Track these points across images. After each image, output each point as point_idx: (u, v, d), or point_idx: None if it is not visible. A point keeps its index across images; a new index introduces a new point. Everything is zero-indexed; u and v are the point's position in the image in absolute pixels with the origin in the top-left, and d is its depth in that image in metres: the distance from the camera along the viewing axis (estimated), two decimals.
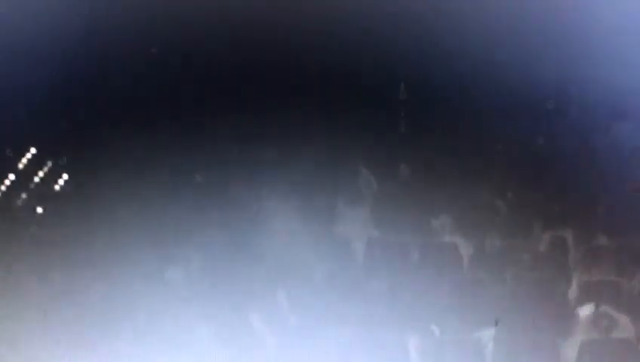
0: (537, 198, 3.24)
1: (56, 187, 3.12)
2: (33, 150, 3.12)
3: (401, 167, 3.22)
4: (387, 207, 3.21)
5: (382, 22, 3.18)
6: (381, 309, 3.17)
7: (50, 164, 3.12)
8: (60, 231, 3.12)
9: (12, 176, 3.09)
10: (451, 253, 3.23)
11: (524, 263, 3.22)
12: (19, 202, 3.10)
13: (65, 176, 3.12)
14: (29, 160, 3.11)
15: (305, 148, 3.19)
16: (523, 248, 3.22)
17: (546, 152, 3.22)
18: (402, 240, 3.20)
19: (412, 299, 3.18)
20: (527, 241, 3.23)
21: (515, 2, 3.19)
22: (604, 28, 3.21)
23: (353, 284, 3.17)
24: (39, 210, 3.10)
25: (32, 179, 3.11)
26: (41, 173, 3.12)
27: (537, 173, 3.23)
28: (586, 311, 3.20)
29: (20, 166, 3.10)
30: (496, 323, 3.20)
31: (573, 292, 3.19)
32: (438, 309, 3.18)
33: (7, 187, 3.09)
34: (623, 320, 3.16)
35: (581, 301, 3.19)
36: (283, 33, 3.17)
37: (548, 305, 3.20)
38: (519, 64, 3.21)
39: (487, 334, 3.17)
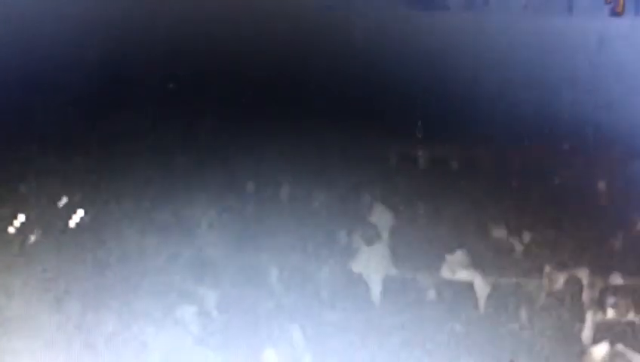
0: (552, 237, 3.25)
1: (70, 223, 3.10)
2: (48, 186, 3.09)
3: (418, 204, 3.22)
4: (404, 244, 3.20)
5: (398, 59, 3.18)
6: (396, 347, 3.17)
7: (64, 200, 3.10)
8: (73, 267, 3.10)
9: (24, 213, 3.07)
10: (467, 291, 3.23)
11: (538, 302, 3.23)
12: (32, 238, 3.08)
13: (79, 212, 3.10)
14: (43, 196, 3.09)
15: (320, 184, 3.19)
16: (538, 287, 3.23)
17: (562, 192, 3.23)
18: (418, 277, 3.20)
19: (427, 338, 3.19)
20: (542, 280, 3.24)
21: (530, 44, 3.20)
22: (621, 68, 3.23)
23: (368, 322, 3.17)
24: (53, 246, 3.08)
25: (46, 216, 3.09)
26: (54, 209, 3.09)
27: (552, 213, 3.24)
28: (600, 350, 3.22)
29: (33, 202, 3.08)
30: None
31: (587, 331, 3.20)
32: (453, 348, 3.19)
33: (22, 223, 3.07)
34: (639, 360, 3.18)
35: (596, 340, 3.20)
36: (299, 70, 3.16)
37: (562, 344, 3.20)
38: (536, 103, 3.22)
39: None
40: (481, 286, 3.23)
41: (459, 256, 3.24)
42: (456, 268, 3.23)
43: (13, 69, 3.17)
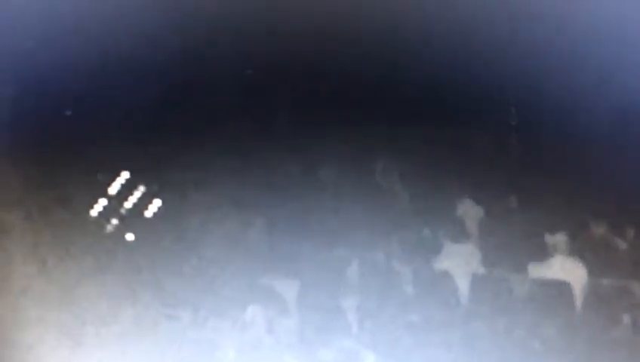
0: None
1: (147, 213, 3.04)
2: (125, 175, 3.04)
3: (510, 199, 3.01)
4: (494, 241, 3.01)
5: (490, 44, 2.98)
6: (483, 351, 2.99)
7: (141, 189, 3.05)
8: (150, 258, 3.05)
9: (103, 201, 3.03)
10: (563, 292, 3.01)
11: None
12: (109, 228, 3.03)
13: (156, 202, 3.04)
14: (121, 185, 3.04)
15: (404, 178, 3.03)
16: None
17: None
18: (509, 276, 3.00)
19: (518, 342, 2.99)
20: None
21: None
22: None
23: (454, 323, 3.00)
24: (129, 236, 3.03)
25: (123, 205, 3.04)
26: (132, 199, 3.04)
27: None
28: None
29: (111, 191, 3.03)
30: None
31: None
32: (546, 354, 2.98)
33: (99, 212, 3.03)
34: None
35: None
36: (384, 59, 3.01)
37: None
38: (636, 87, 2.96)
39: None
40: (579, 286, 3.01)
41: (554, 253, 3.03)
42: (552, 267, 3.02)
43: (95, 61, 3.15)
